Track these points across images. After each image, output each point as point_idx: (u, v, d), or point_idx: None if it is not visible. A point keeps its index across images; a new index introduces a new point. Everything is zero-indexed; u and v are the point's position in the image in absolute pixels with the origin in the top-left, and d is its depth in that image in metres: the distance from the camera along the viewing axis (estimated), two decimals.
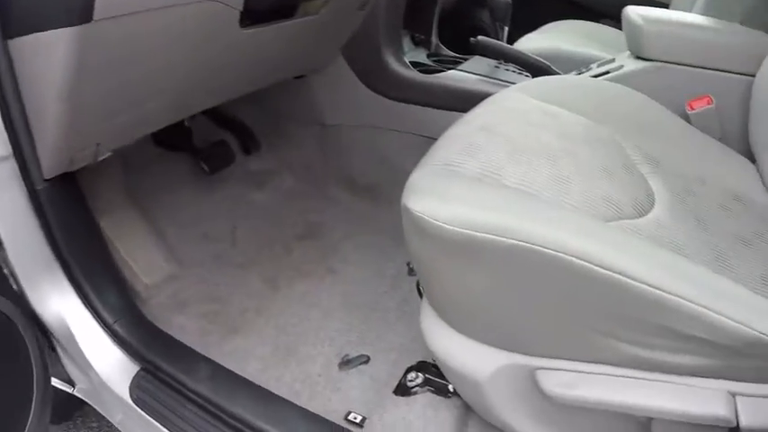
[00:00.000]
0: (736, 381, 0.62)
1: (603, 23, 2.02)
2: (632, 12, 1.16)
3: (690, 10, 1.48)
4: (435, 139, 0.83)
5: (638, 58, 1.14)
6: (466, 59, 1.46)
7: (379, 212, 1.36)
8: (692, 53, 1.09)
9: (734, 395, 0.62)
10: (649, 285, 0.57)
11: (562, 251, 0.58)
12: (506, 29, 1.46)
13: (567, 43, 1.54)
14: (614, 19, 2.02)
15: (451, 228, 0.61)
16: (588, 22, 1.91)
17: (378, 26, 1.32)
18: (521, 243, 0.59)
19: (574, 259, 0.58)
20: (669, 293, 0.57)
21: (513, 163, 0.72)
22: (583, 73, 1.24)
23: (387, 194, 1.37)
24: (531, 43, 1.56)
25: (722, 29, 1.13)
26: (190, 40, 0.87)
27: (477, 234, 0.60)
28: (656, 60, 1.11)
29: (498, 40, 1.47)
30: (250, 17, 0.94)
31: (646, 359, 0.63)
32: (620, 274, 0.57)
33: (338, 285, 1.17)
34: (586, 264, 0.58)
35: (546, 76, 1.04)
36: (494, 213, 0.61)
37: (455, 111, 1.24)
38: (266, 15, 1.00)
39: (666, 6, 1.68)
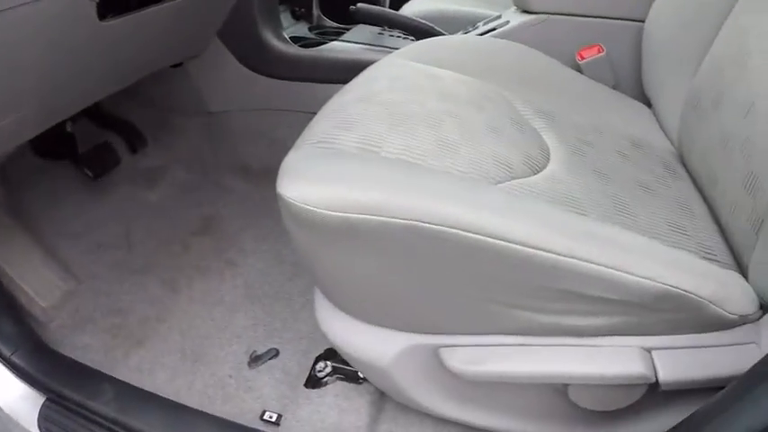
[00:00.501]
0: (650, 335, 0.60)
1: None
2: None
3: None
4: None
5: (525, 11, 1.13)
6: (349, 29, 1.42)
7: (275, 197, 1.29)
8: (579, 2, 1.08)
9: (649, 350, 0.60)
10: (544, 250, 0.55)
11: (446, 224, 0.55)
12: None
13: (452, 3, 1.53)
14: None
15: (325, 212, 0.57)
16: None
17: (252, 3, 1.26)
18: (400, 221, 0.56)
19: (460, 231, 0.55)
20: (565, 256, 0.54)
21: (394, 133, 0.69)
22: (469, 32, 1.23)
23: None
24: (415, 6, 1.54)
25: None
26: (45, 38, 0.80)
27: (352, 215, 0.57)
28: (543, 13, 1.10)
29: (381, 5, 1.42)
30: (108, 8, 0.88)
31: (552, 325, 0.61)
32: (511, 242, 0.55)
33: (239, 278, 1.14)
34: (474, 235, 0.55)
35: (428, 39, 1.02)
36: (370, 191, 0.57)
37: (342, 83, 1.20)
38: (127, 4, 0.93)
39: None
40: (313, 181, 0.61)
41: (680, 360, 0.59)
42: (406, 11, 1.47)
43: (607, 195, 0.68)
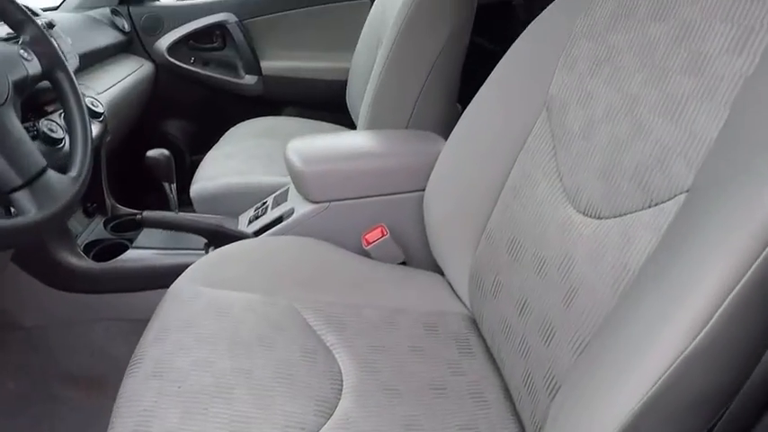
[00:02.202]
0: None
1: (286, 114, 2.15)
2: (292, 152, 1.15)
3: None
4: (145, 321, 0.82)
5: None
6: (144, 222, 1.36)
7: (108, 404, 1.12)
8: (357, 186, 1.10)
9: None
10: None
11: None
12: (174, 186, 1.40)
13: (238, 174, 1.49)
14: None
15: None
16: (268, 119, 1.97)
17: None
18: None
19: None
20: None
21: (185, 421, 0.68)
22: (259, 217, 1.25)
23: (113, 385, 1.08)
24: (204, 184, 1.48)
25: (388, 151, 1.15)
26: None
27: None
28: (324, 201, 1.11)
29: (170, 194, 1.40)
30: None
31: None
32: None
33: None
34: None
35: (214, 253, 1.02)
36: None
37: (148, 289, 1.24)
38: None
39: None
40: None
41: None
42: (196, 188, 1.47)
43: (396, 418, 0.72)
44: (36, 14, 1.32)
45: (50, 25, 1.30)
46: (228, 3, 2.10)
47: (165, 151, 1.34)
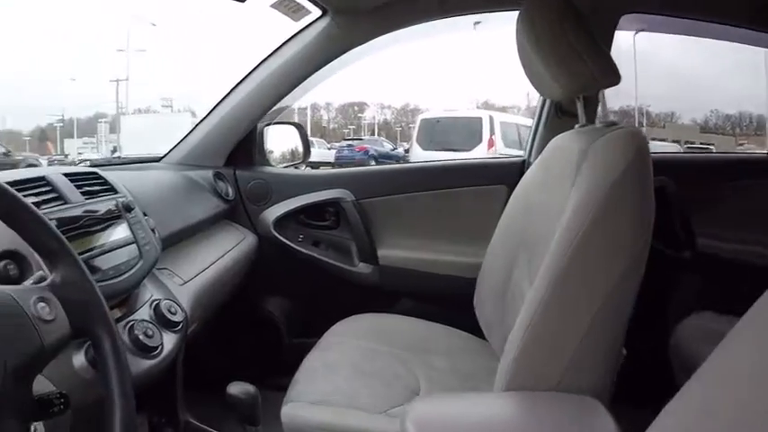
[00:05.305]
0: None
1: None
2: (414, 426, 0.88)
3: None
4: None
5: None
6: None
7: None
8: None
9: None
10: None
11: None
12: (258, 429, 1.13)
13: (339, 407, 1.19)
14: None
15: None
16: (379, 317, 1.61)
17: None
18: None
19: None
20: None
21: None
22: None
23: None
24: (299, 410, 1.19)
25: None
26: None
27: None
28: None
29: None
30: None
31: None
32: None
33: None
34: None
35: None
36: None
37: None
38: None
39: None
40: None
41: None
42: (289, 412, 1.24)
43: None
44: (116, 191, 1.13)
45: (128, 208, 1.09)
46: (345, 178, 1.91)
47: (251, 387, 1.06)
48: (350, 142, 19.75)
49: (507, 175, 1.79)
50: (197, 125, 1.87)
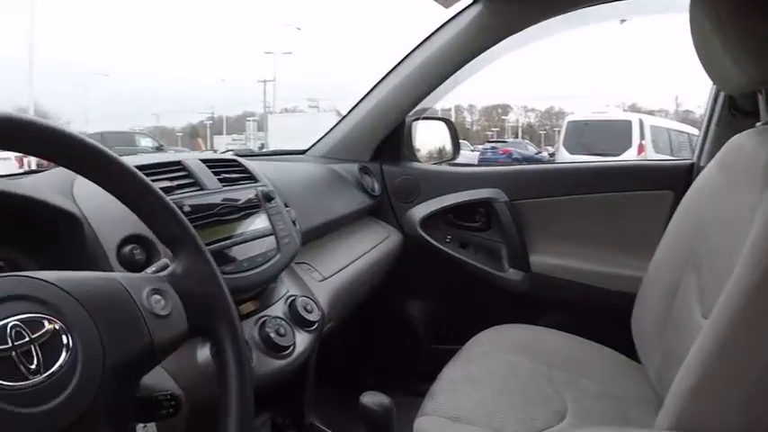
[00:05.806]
0: None
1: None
2: None
3: None
4: None
5: None
6: None
7: None
8: None
9: None
10: None
11: None
12: None
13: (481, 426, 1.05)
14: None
15: None
16: (525, 329, 1.45)
17: None
18: None
19: None
20: None
21: None
22: None
23: None
24: (435, 424, 1.07)
25: None
26: None
27: None
28: None
29: None
30: None
31: None
32: None
33: None
34: None
35: None
36: None
37: None
38: None
39: None
40: None
41: None
42: (424, 426, 1.13)
43: None
44: (256, 179, 1.07)
45: (268, 197, 1.03)
46: (499, 176, 1.76)
47: (386, 399, 0.96)
48: (493, 144, 19.60)
49: (674, 179, 1.59)
50: (343, 118, 1.81)
